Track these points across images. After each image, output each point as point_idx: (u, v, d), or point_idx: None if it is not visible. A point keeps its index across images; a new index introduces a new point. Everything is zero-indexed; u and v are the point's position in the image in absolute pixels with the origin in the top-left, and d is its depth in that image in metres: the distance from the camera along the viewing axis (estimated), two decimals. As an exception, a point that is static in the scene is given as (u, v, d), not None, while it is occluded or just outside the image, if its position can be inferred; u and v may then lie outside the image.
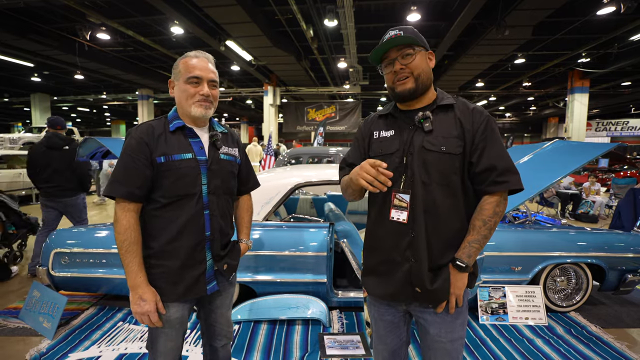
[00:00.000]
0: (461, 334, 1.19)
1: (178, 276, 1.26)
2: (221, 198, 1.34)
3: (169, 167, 1.23)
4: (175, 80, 1.30)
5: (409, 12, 7.74)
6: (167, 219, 1.25)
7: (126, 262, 1.19)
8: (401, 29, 1.15)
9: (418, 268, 1.12)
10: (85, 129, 32.52)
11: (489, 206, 1.12)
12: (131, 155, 1.21)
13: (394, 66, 1.16)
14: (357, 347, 2.31)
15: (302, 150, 7.02)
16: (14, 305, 2.89)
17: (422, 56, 1.16)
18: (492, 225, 1.12)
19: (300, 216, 3.32)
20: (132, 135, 1.25)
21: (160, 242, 1.25)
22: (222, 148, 1.36)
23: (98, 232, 2.76)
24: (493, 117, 1.18)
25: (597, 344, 2.41)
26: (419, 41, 1.15)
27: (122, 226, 1.19)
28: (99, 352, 2.22)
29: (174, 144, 1.26)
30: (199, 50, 1.36)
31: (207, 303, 1.43)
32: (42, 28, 9.72)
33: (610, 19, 8.32)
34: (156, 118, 1.32)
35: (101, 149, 3.39)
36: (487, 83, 15.87)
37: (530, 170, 2.99)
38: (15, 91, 17.71)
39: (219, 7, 7.58)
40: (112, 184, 1.21)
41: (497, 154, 1.12)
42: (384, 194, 1.16)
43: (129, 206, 1.21)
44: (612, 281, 2.85)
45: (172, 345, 1.31)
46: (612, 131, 20.50)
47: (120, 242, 1.19)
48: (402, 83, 1.16)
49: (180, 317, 1.30)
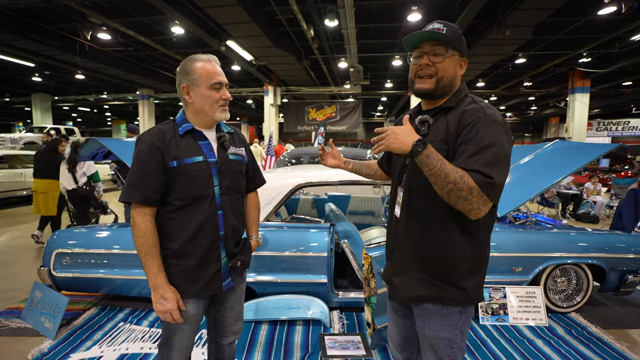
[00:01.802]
0: (448, 336, 1.17)
1: (196, 274, 1.30)
2: (233, 197, 1.38)
3: (181, 171, 1.26)
4: (192, 86, 1.29)
5: (410, 12, 7.74)
6: (182, 220, 1.28)
7: (146, 265, 1.23)
8: (446, 25, 1.13)
9: (398, 259, 1.24)
10: (86, 128, 32.55)
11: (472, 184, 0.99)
12: (144, 160, 1.23)
13: (422, 59, 1.14)
14: (358, 347, 2.32)
15: (302, 150, 7.02)
16: (16, 305, 2.90)
17: (452, 61, 1.14)
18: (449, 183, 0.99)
19: (301, 217, 3.32)
20: (143, 140, 1.26)
21: (177, 243, 1.28)
22: (230, 148, 1.39)
23: (99, 233, 2.76)
24: (492, 117, 1.05)
25: (597, 344, 2.41)
26: (456, 44, 1.13)
27: (140, 230, 1.22)
28: (101, 353, 2.23)
29: (184, 148, 1.28)
30: (201, 51, 1.37)
31: (220, 299, 1.46)
32: (43, 28, 9.74)
33: (611, 19, 8.30)
34: (164, 122, 1.35)
35: (102, 150, 3.40)
36: (487, 83, 15.86)
37: (530, 171, 2.99)
38: (16, 91, 17.73)
39: (220, 7, 7.58)
40: (128, 190, 1.23)
41: (472, 156, 1.01)
42: (394, 191, 1.30)
43: (146, 210, 1.24)
44: (612, 282, 2.85)
45: (186, 342, 1.36)
46: (613, 131, 20.44)
47: (140, 246, 1.22)
48: (422, 81, 1.15)
49: (197, 314, 1.35)
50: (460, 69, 1.17)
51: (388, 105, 23.95)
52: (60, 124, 18.76)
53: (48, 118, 17.48)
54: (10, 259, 4.15)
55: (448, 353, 1.18)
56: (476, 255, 1.15)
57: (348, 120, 16.32)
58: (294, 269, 2.60)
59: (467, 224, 1.11)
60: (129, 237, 2.58)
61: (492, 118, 1.06)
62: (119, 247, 2.61)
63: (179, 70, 1.31)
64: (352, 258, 2.50)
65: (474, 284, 1.15)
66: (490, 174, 0.99)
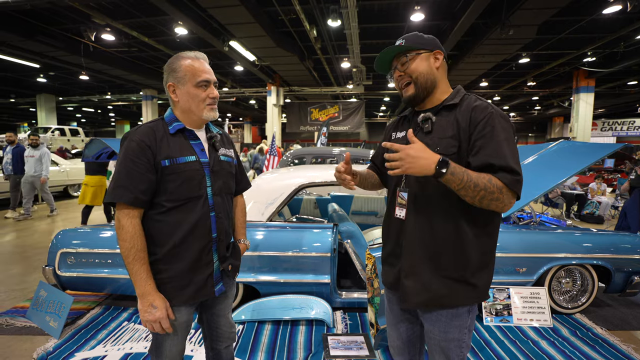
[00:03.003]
0: (457, 336, 1.17)
1: (187, 279, 1.24)
2: (224, 199, 1.36)
3: (173, 171, 1.21)
4: (178, 84, 1.25)
5: (413, 12, 7.72)
6: (172, 223, 1.22)
7: (134, 271, 1.15)
8: (404, 38, 1.19)
9: (405, 263, 1.18)
10: (90, 129, 32.78)
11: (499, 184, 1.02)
12: (133, 159, 1.16)
13: (395, 73, 1.22)
14: (361, 348, 2.31)
15: (305, 150, 7.03)
16: (21, 305, 2.92)
17: (421, 59, 1.18)
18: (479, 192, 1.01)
19: (304, 217, 3.32)
20: (131, 138, 1.19)
21: (167, 247, 1.22)
22: (220, 149, 1.37)
23: (103, 233, 2.78)
24: (501, 113, 1.10)
25: (603, 346, 2.39)
26: (416, 45, 1.16)
27: (128, 233, 1.15)
28: (105, 352, 2.24)
29: (176, 147, 1.24)
30: (204, 52, 1.36)
31: (210, 306, 1.42)
32: (48, 29, 9.82)
33: (616, 18, 8.24)
34: (152, 120, 1.29)
35: (106, 150, 3.42)
36: (491, 83, 15.79)
37: (534, 171, 2.98)
38: (21, 92, 17.88)
39: (223, 7, 7.60)
40: (115, 190, 1.16)
41: (495, 151, 1.04)
42: (392, 192, 1.27)
43: (133, 212, 1.17)
44: (618, 283, 2.83)
45: (176, 349, 1.31)
46: (618, 131, 20.30)
47: (127, 250, 1.15)
48: (405, 90, 1.21)
49: (187, 320, 1.31)
50: (435, 62, 1.19)
51: (391, 105, 23.91)
52: (64, 124, 18.87)
53: (53, 119, 17.62)
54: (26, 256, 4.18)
55: (458, 353, 1.18)
56: (486, 250, 1.16)
57: (351, 120, 16.31)
58: (297, 269, 2.60)
59: (475, 218, 1.12)
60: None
61: (501, 114, 1.11)
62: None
63: (166, 68, 1.26)
64: (355, 258, 2.50)
65: (485, 281, 1.18)
66: (516, 169, 1.04)
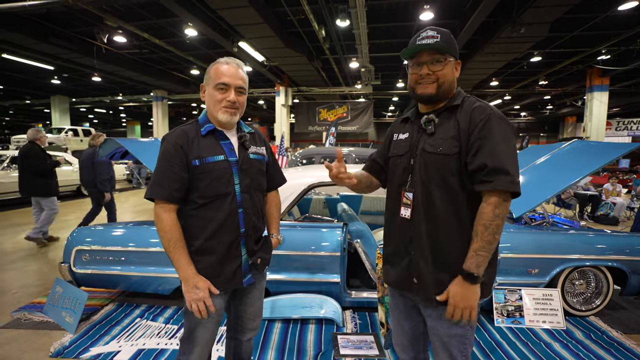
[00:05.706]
0: (462, 332, 1.18)
1: (217, 270, 1.34)
2: (253, 196, 1.41)
3: (203, 169, 1.30)
4: (205, 85, 1.36)
5: (422, 11, 7.66)
6: (204, 218, 1.32)
7: (175, 258, 1.26)
8: (439, 32, 1.17)
9: (415, 261, 1.20)
10: (102, 129, 33.36)
11: (488, 208, 1.07)
12: (168, 160, 1.28)
13: (422, 69, 1.18)
14: (371, 347, 2.31)
15: (314, 150, 7.04)
16: (38, 300, 3.00)
17: (450, 66, 1.19)
18: (495, 229, 1.07)
19: (314, 216, 3.33)
20: (167, 140, 1.31)
21: (200, 240, 1.32)
22: (250, 148, 1.42)
23: (116, 231, 2.83)
24: (500, 115, 1.12)
25: (618, 349, 2.35)
26: (452, 50, 1.17)
27: (166, 225, 1.26)
28: (119, 347, 2.29)
29: (206, 147, 1.32)
30: (213, 53, 1.40)
31: (240, 296, 1.49)
32: (62, 32, 10.05)
33: (632, 14, 8.05)
34: (187, 123, 1.38)
35: (120, 149, 3.49)
36: (501, 82, 15.57)
37: (547, 172, 2.93)
38: (35, 93, 18.32)
39: (232, 8, 7.68)
40: (152, 187, 1.28)
41: (490, 152, 1.08)
42: (396, 192, 1.28)
43: (169, 207, 1.28)
44: (634, 285, 2.77)
45: (208, 336, 1.38)
46: (633, 130, 19.79)
47: (167, 240, 1.26)
48: (424, 87, 1.19)
49: (220, 308, 1.37)
50: (456, 72, 1.22)
51: (399, 105, 23.77)
52: (77, 125, 19.26)
53: (66, 119, 18.00)
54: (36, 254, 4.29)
55: (461, 349, 1.19)
56: None
57: (359, 120, 16.28)
58: (307, 268, 2.62)
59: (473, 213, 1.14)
60: (145, 235, 2.66)
61: (499, 115, 1.13)
62: (135, 244, 2.67)
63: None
64: (365, 258, 2.50)
65: (490, 276, 1.19)
66: (509, 170, 1.07)
